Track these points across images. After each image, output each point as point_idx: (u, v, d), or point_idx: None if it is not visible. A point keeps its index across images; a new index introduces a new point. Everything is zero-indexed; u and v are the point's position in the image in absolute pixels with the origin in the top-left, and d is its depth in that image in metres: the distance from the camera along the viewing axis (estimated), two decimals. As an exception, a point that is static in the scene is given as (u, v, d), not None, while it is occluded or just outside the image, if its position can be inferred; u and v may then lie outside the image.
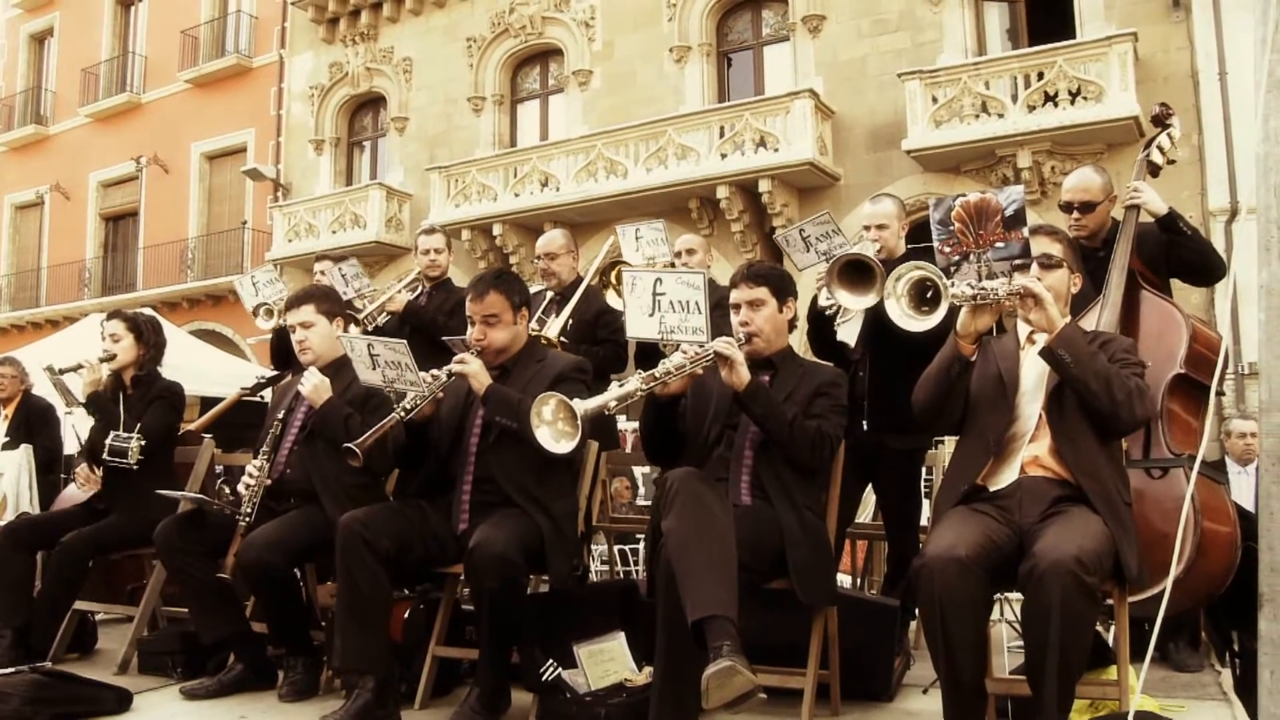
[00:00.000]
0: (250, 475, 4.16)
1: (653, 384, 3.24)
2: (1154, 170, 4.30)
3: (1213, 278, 4.45)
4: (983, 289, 2.93)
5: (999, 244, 2.97)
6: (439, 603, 4.00)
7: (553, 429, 3.14)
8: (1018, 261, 2.98)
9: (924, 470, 4.96)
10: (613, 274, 5.02)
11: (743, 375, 3.31)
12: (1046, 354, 3.01)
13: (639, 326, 3.49)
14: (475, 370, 3.72)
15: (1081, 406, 3.03)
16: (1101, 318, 3.91)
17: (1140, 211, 4.19)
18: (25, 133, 26.34)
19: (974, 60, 14.50)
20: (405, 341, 3.91)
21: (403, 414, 3.70)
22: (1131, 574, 2.91)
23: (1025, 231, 2.97)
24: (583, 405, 3.09)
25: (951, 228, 3.02)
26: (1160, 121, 4.32)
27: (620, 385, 3.27)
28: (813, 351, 4.77)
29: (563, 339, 4.89)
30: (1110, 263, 4.06)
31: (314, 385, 4.17)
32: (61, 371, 4.89)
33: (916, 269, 2.94)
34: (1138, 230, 4.15)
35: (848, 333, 4.61)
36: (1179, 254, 4.28)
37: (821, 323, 4.63)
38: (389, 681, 3.58)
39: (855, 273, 4.29)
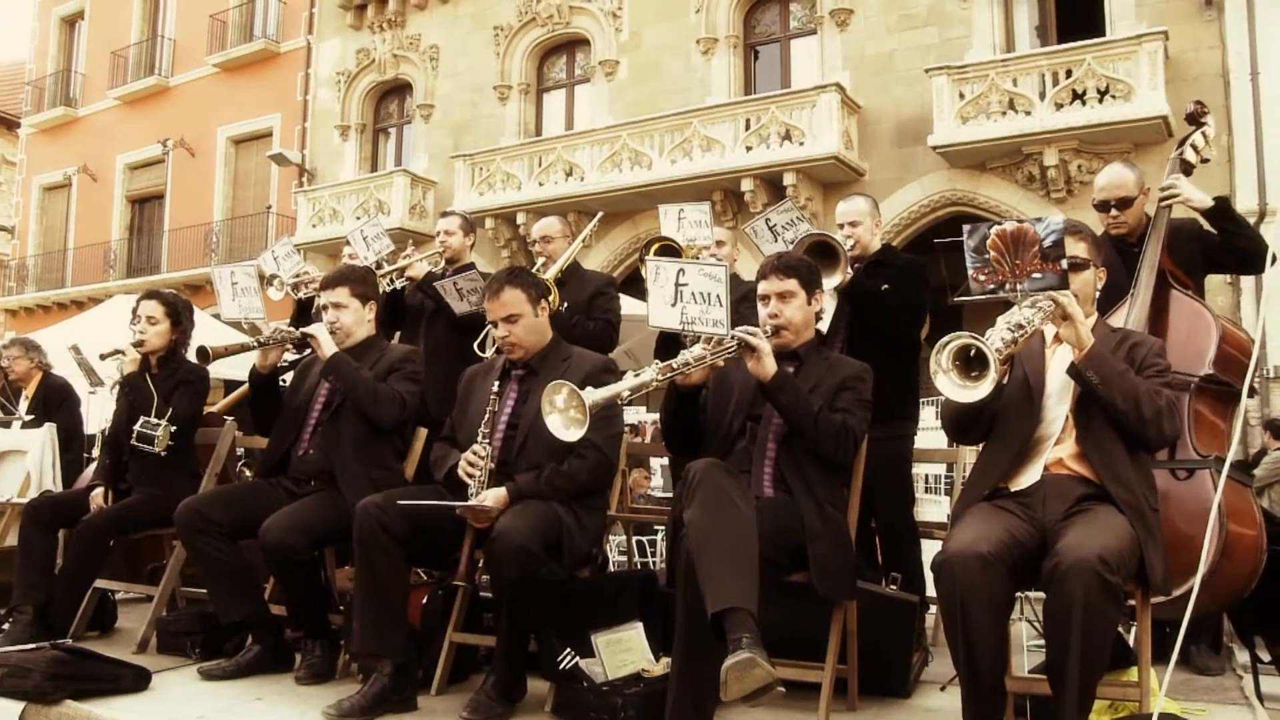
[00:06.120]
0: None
1: (670, 374, 3.19)
2: (1186, 169, 4.25)
3: (1262, 264, 4.30)
4: (1019, 326, 2.89)
5: (1035, 274, 2.90)
6: (457, 589, 4.00)
7: (564, 416, 3.10)
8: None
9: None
10: (651, 251, 4.98)
11: (769, 365, 3.27)
12: (1073, 372, 2.99)
13: (661, 316, 3.46)
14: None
15: (1108, 420, 3.00)
16: (1130, 316, 3.87)
17: (1172, 209, 4.14)
18: (55, 114, 26.51)
19: (1002, 57, 14.43)
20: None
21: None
22: (1156, 580, 2.88)
23: (1064, 263, 2.91)
24: (594, 395, 3.05)
25: (987, 256, 2.96)
26: (1195, 120, 4.27)
27: (636, 375, 3.23)
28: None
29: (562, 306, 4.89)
30: (1140, 260, 4.01)
31: (323, 335, 4.16)
32: (103, 357, 4.91)
33: (955, 339, 2.82)
34: (1169, 230, 4.09)
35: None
36: (1234, 243, 4.20)
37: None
38: (406, 666, 3.59)
39: (819, 255, 4.30)
